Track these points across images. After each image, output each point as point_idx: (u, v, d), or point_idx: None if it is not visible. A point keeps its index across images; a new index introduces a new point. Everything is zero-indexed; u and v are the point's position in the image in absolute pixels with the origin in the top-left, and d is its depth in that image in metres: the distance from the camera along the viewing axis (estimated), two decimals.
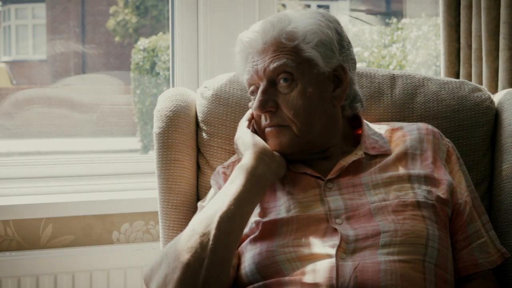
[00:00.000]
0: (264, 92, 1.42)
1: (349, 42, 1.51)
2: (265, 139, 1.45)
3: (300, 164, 1.46)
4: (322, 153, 1.47)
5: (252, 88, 1.47)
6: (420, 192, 1.39)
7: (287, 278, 1.29)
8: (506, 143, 1.61)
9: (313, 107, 1.42)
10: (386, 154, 1.47)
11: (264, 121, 1.45)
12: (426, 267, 1.30)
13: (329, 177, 1.43)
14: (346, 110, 1.51)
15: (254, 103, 1.44)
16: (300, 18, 1.45)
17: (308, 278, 1.27)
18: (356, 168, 1.44)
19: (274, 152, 1.42)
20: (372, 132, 1.52)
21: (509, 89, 1.73)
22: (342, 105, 1.49)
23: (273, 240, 1.35)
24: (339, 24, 1.50)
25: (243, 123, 1.50)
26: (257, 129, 1.48)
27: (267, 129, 1.44)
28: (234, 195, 1.33)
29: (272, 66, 1.41)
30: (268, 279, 1.31)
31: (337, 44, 1.46)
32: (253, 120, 1.50)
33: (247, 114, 1.52)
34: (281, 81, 1.42)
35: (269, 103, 1.42)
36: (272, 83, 1.43)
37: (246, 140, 1.44)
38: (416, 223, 1.34)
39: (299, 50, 1.42)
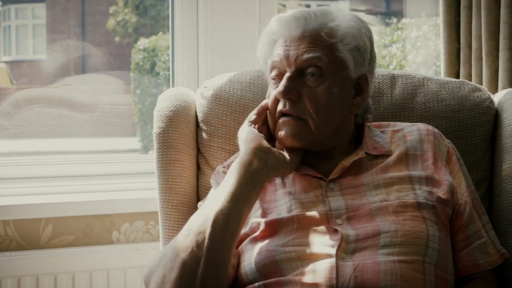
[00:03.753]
0: (290, 79, 1.40)
1: (376, 57, 1.51)
2: (273, 130, 1.43)
3: (302, 164, 1.46)
4: (325, 152, 1.47)
5: (275, 72, 1.45)
6: (420, 193, 1.39)
7: (287, 278, 1.29)
8: (506, 143, 1.61)
9: (334, 107, 1.41)
10: (387, 155, 1.47)
11: (281, 106, 1.42)
12: (426, 268, 1.30)
13: (331, 177, 1.43)
14: (358, 118, 1.52)
15: (275, 88, 1.42)
16: (343, 18, 1.44)
17: (308, 278, 1.27)
18: (358, 168, 1.44)
19: (273, 149, 1.41)
20: (374, 133, 1.52)
21: (509, 89, 1.73)
22: (356, 113, 1.49)
23: (273, 240, 1.35)
24: (372, 35, 1.49)
25: (247, 119, 1.48)
26: (269, 119, 1.46)
27: (283, 118, 1.42)
28: (229, 192, 1.32)
29: (305, 56, 1.40)
30: (268, 279, 1.31)
31: (369, 54, 1.46)
32: (266, 111, 1.46)
33: (258, 107, 1.49)
34: (309, 75, 1.40)
35: (293, 91, 1.40)
36: (299, 73, 1.41)
37: (243, 137, 1.44)
38: (416, 224, 1.34)
39: (335, 48, 1.41)
